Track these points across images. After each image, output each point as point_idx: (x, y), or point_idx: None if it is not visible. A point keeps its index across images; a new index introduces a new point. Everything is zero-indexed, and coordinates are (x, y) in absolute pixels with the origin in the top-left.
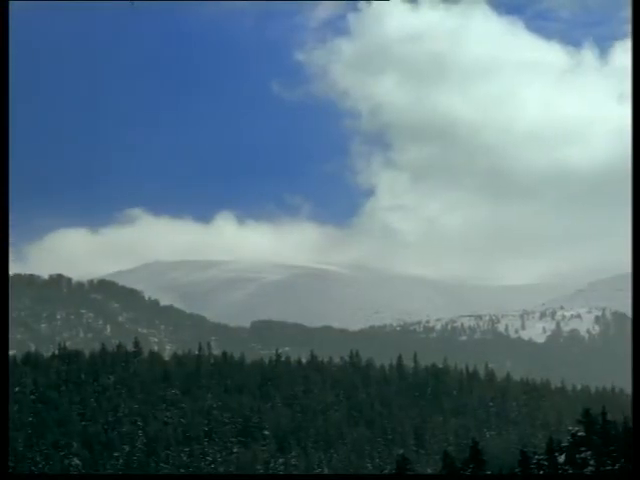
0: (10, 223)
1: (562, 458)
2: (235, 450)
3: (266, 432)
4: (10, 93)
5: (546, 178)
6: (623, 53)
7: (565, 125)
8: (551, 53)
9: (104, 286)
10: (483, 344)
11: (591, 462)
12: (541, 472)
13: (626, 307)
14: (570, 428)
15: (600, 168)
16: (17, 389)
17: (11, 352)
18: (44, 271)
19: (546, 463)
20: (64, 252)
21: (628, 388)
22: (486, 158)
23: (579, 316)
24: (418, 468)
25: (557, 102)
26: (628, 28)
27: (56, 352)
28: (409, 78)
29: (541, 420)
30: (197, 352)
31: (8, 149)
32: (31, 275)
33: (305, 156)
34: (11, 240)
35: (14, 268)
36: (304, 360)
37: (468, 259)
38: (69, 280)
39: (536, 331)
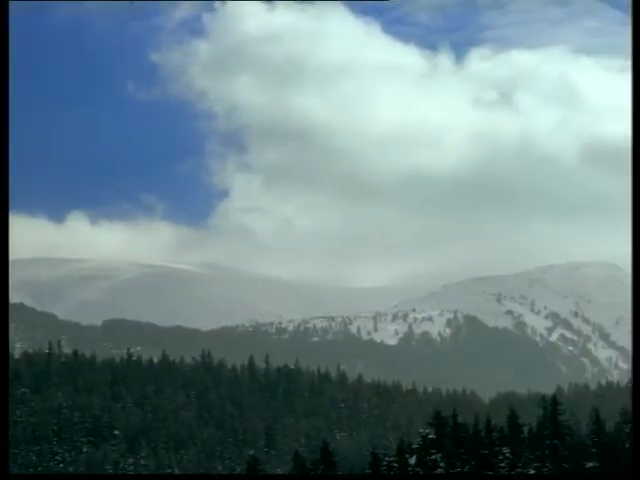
0: None
1: (413, 460)
2: (85, 450)
3: (116, 432)
4: None
5: (402, 181)
6: (479, 59)
7: (421, 129)
8: (408, 57)
9: None
10: (335, 345)
11: (441, 464)
12: (391, 473)
13: (477, 310)
14: (421, 430)
15: (455, 172)
16: None
17: None
18: None
19: (396, 465)
20: None
21: (478, 390)
22: (342, 160)
23: (431, 318)
24: (268, 469)
25: (413, 106)
26: (484, 35)
27: None
28: (266, 79)
29: (392, 422)
30: (47, 350)
31: (8, 149)
32: None
33: (160, 156)
34: None
35: None
36: (155, 360)
37: (322, 261)
38: None
39: (388, 333)
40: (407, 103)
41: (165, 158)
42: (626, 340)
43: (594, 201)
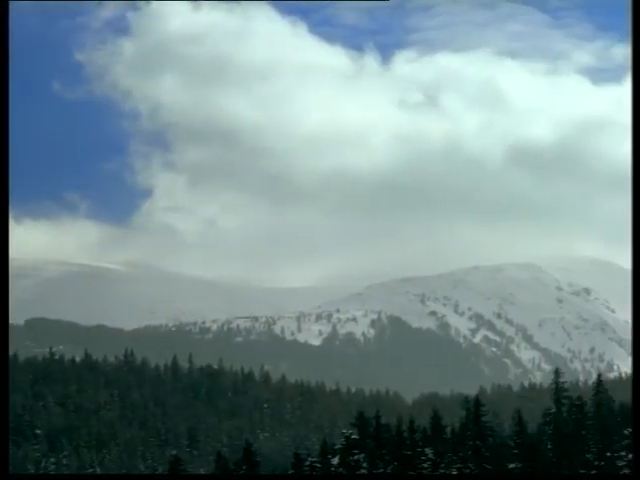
0: None
1: (335, 460)
2: None
3: (38, 431)
4: None
5: (327, 181)
6: (405, 61)
7: (347, 129)
8: (334, 58)
9: None
10: (259, 346)
11: (364, 465)
12: (314, 473)
13: (401, 311)
14: (344, 431)
15: (380, 173)
16: None
17: None
18: None
19: (319, 465)
20: None
21: (402, 391)
22: (267, 160)
23: (355, 319)
24: (191, 469)
25: (339, 107)
26: (411, 37)
27: None
28: (191, 79)
29: (315, 422)
30: None
31: (8, 149)
32: None
33: (84, 155)
34: None
35: None
36: (78, 359)
37: (246, 261)
38: None
39: (312, 333)
40: (333, 104)
41: (89, 157)
42: (549, 341)
43: (518, 203)
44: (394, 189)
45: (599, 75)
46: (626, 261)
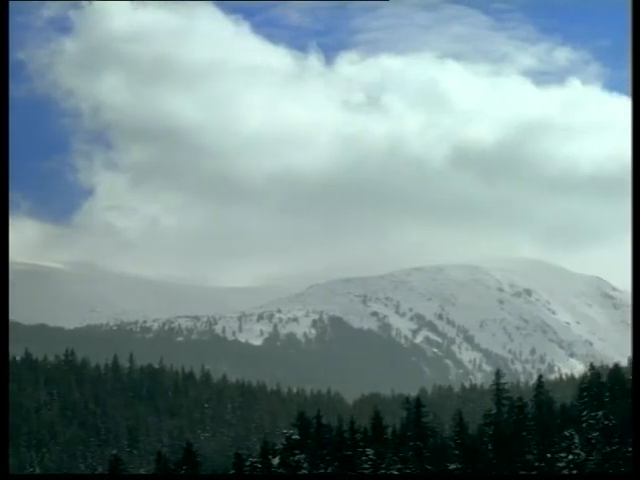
0: None
1: (276, 460)
2: None
3: None
4: None
5: (270, 181)
6: (348, 62)
7: (290, 129)
8: (278, 58)
9: None
10: (200, 345)
11: (305, 465)
12: (254, 474)
13: (342, 311)
14: (285, 431)
15: (323, 173)
16: None
17: None
18: None
19: (260, 465)
20: None
21: (343, 391)
22: (210, 160)
23: (296, 319)
24: (131, 469)
25: (282, 107)
26: (355, 38)
27: None
28: (133, 78)
29: (256, 422)
30: None
31: (8, 149)
32: None
33: (25, 154)
34: None
35: None
36: (18, 358)
37: (188, 260)
38: None
39: (253, 333)
40: (276, 104)
41: (30, 156)
42: (489, 342)
43: (460, 204)
44: (337, 189)
45: (541, 77)
46: (567, 262)
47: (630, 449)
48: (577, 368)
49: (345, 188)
